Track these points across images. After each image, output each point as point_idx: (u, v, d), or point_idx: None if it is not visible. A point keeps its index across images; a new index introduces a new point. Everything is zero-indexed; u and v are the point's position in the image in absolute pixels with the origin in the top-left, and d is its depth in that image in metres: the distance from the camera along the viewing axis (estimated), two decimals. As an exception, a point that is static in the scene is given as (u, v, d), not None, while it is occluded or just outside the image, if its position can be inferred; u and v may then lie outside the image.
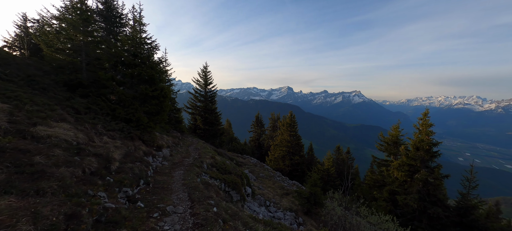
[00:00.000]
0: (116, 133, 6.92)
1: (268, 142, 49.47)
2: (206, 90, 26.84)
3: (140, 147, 7.52)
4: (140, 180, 5.40)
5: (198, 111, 26.47)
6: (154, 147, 8.71)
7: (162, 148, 9.19)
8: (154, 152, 8.09)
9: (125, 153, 5.91)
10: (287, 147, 28.49)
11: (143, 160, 6.38)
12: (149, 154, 7.69)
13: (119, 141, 6.56)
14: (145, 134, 8.41)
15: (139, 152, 6.97)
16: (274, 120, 50.31)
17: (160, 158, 8.39)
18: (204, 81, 26.50)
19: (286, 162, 28.19)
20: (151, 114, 9.21)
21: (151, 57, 9.27)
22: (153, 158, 7.94)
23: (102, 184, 4.16)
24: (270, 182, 18.40)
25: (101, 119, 6.93)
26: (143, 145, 8.01)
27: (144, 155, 7.36)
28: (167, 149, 9.72)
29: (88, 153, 4.68)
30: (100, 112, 7.23)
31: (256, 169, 21.43)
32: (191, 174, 7.37)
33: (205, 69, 26.52)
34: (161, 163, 8.18)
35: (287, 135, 29.12)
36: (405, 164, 14.17)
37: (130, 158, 5.89)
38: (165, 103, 9.28)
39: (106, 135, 6.46)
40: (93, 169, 4.34)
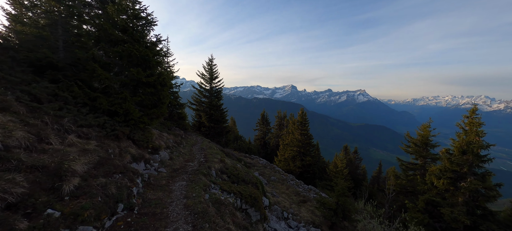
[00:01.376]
0: (93, 131, 4.95)
1: (274, 141, 47.49)
2: (211, 85, 24.82)
3: (128, 150, 5.52)
4: (117, 205, 3.42)
5: (203, 107, 24.48)
6: (148, 148, 6.71)
7: (160, 149, 7.18)
8: (147, 156, 6.08)
9: (97, 161, 3.91)
10: (298, 147, 26.36)
11: (128, 170, 4.36)
12: (140, 159, 5.69)
13: (94, 141, 4.58)
14: (137, 132, 6.40)
15: (124, 157, 4.99)
16: (280, 118, 48.29)
17: (156, 163, 6.39)
18: (210, 75, 24.47)
19: (297, 163, 26.08)
20: (145, 107, 7.20)
21: (146, 35, 7.23)
22: (147, 164, 5.94)
23: (30, 228, 2.16)
24: (283, 187, 16.36)
25: (73, 111, 4.94)
26: (133, 146, 6.02)
27: (133, 160, 5.37)
28: (166, 151, 7.71)
29: (18, 165, 2.69)
30: (72, 102, 5.24)
31: (266, 172, 19.39)
32: (197, 187, 5.35)
33: (210, 62, 24.48)
34: (157, 170, 6.17)
35: (298, 134, 26.97)
36: (448, 170, 11.97)
37: (105, 169, 3.88)
38: (163, 92, 7.25)
39: (75, 133, 4.49)
40: (14, 198, 2.32)
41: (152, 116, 7.12)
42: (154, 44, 7.64)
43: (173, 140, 11.32)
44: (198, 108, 24.73)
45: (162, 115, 7.64)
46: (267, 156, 48.22)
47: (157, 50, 7.65)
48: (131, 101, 6.29)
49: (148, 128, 7.24)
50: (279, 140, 41.47)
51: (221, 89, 25.24)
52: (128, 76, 6.64)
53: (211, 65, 24.53)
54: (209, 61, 24.46)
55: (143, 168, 5.66)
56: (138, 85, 6.84)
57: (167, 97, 7.71)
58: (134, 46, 6.50)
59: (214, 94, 24.93)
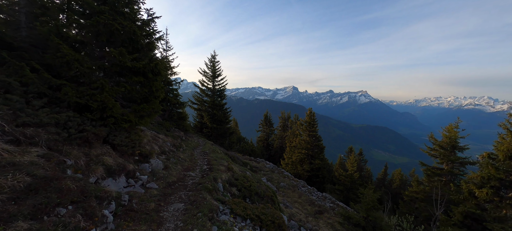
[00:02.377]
0: (45, 132, 3.29)
1: (278, 143, 45.87)
2: (214, 83, 23.19)
3: (103, 160, 3.86)
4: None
5: (205, 107, 22.84)
6: (134, 156, 5.03)
7: (151, 156, 5.48)
8: (131, 167, 4.38)
9: (28, 184, 2.22)
10: (306, 149, 24.61)
11: (89, 196, 2.67)
12: (120, 172, 4.02)
13: (40, 149, 2.93)
14: (119, 135, 4.73)
15: (92, 172, 3.34)
16: (284, 119, 46.63)
17: (144, 176, 4.70)
18: (212, 72, 22.85)
19: (305, 167, 24.32)
20: (132, 101, 5.54)
21: (134, 11, 5.55)
22: (130, 178, 4.26)
23: None
24: (295, 195, 14.65)
25: (14, 103, 3.29)
26: (113, 154, 4.35)
27: (108, 175, 3.70)
28: (160, 159, 6.02)
29: None
30: (19, 90, 3.59)
31: (274, 177, 17.66)
32: (199, 214, 3.66)
33: (213, 58, 22.87)
34: (145, 186, 4.49)
35: (306, 135, 25.22)
36: (493, 178, 10.23)
37: (40, 199, 2.19)
38: (156, 83, 5.59)
39: (10, 135, 2.84)
40: None
41: (142, 113, 5.44)
42: (145, 24, 5.97)
43: (171, 143, 9.64)
44: (200, 107, 23.09)
45: (155, 112, 5.96)
46: (270, 158, 46.59)
47: (149, 30, 5.99)
48: (111, 92, 4.62)
49: (136, 129, 5.56)
50: (286, 141, 39.72)
51: (224, 88, 23.60)
52: (107, 59, 4.98)
53: (214, 62, 22.93)
54: (211, 58, 22.86)
55: (124, 185, 3.98)
56: (122, 72, 5.17)
57: (161, 91, 6.04)
58: (116, 18, 4.84)
59: (217, 93, 23.31)
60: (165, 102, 15.32)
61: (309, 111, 26.09)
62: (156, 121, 13.90)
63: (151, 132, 9.56)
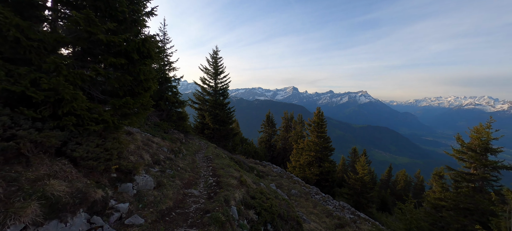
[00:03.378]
0: None
1: (281, 144, 44.35)
2: (216, 81, 21.55)
3: (47, 189, 2.23)
4: None
5: (207, 106, 21.19)
6: (110, 173, 3.37)
7: (136, 172, 3.80)
8: (99, 195, 2.71)
9: None
10: (315, 151, 22.96)
11: None
12: (78, 206, 2.39)
13: None
14: (85, 142, 3.07)
15: (17, 214, 1.73)
16: (287, 120, 45.07)
17: (124, 204, 3.05)
18: (214, 69, 21.21)
19: (314, 170, 22.67)
20: (111, 94, 3.89)
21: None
22: (96, 214, 2.63)
23: None
24: (309, 204, 13.01)
25: None
26: (70, 174, 2.72)
27: (49, 214, 2.07)
28: (149, 175, 4.32)
29: None
30: None
31: (283, 183, 16.01)
32: None
33: (215, 55, 21.24)
34: (122, 224, 2.85)
35: (315, 136, 23.57)
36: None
37: None
38: (144, 68, 3.94)
39: None
40: None
41: (124, 110, 3.79)
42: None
43: (169, 148, 7.99)
44: (201, 107, 21.45)
45: (145, 109, 4.32)
46: (273, 159, 45.11)
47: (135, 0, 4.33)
48: (72, 77, 2.97)
49: (117, 133, 3.90)
50: (291, 143, 38.09)
51: (227, 86, 21.97)
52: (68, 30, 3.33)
53: (216, 58, 21.30)
54: (213, 54, 21.23)
55: (83, 229, 2.34)
56: (92, 50, 3.52)
57: (153, 81, 4.39)
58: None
59: (219, 91, 21.67)
60: (163, 101, 13.69)
61: (317, 111, 24.46)
62: (152, 122, 12.27)
63: (145, 135, 7.91)
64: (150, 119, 13.01)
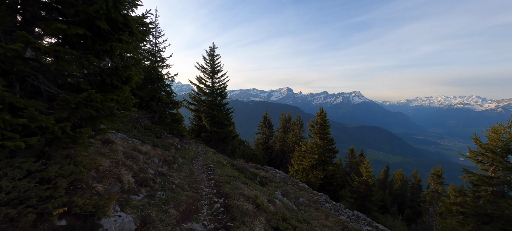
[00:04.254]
0: None
1: (279, 145, 43.18)
2: (213, 80, 20.07)
3: None
4: None
5: (204, 107, 19.65)
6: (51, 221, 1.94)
7: (102, 213, 2.34)
8: None
9: None
10: (319, 154, 21.75)
11: None
12: None
13: None
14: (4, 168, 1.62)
15: None
16: (285, 121, 43.92)
17: None
18: (211, 68, 19.72)
19: (318, 174, 21.44)
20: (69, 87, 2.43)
21: None
22: None
23: None
24: (320, 215, 11.70)
25: None
26: None
27: None
28: (125, 213, 2.83)
29: None
30: None
31: (289, 190, 14.66)
32: None
33: (212, 52, 19.76)
34: None
35: (318, 138, 22.38)
36: None
37: None
38: (120, 48, 2.45)
39: None
40: None
41: (86, 110, 2.33)
42: None
43: (161, 157, 6.50)
44: (197, 108, 19.90)
45: (125, 108, 2.87)
46: (271, 161, 43.89)
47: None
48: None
49: (74, 148, 2.44)
50: (289, 144, 36.87)
51: (225, 86, 20.52)
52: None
53: (213, 56, 19.82)
54: (210, 51, 19.74)
55: None
56: (25, 8, 2.05)
57: (134, 70, 2.93)
58: None
59: (217, 91, 20.18)
60: (155, 101, 12.13)
61: (320, 111, 23.29)
62: (143, 126, 10.70)
63: (131, 142, 6.40)
64: (141, 122, 11.44)
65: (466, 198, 14.23)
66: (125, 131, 8.63)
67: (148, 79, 12.49)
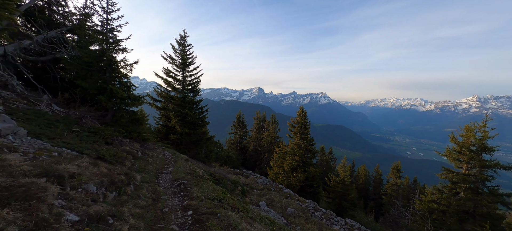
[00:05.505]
0: None
1: (253, 145, 41.73)
2: (184, 74, 17.25)
3: None
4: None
5: (173, 105, 16.71)
6: None
7: None
8: None
9: None
10: (299, 155, 20.66)
11: None
12: None
13: None
14: None
15: None
16: (259, 120, 42.70)
17: None
18: (182, 59, 16.89)
19: (299, 176, 20.35)
20: None
21: None
22: None
23: None
24: (312, 227, 10.26)
25: None
26: None
27: None
28: None
29: None
30: None
31: (274, 198, 12.97)
32: None
33: (183, 40, 16.92)
34: None
35: (299, 138, 21.31)
36: None
37: None
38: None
39: None
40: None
41: None
42: None
43: (104, 180, 4.06)
44: (165, 106, 16.85)
45: None
46: (245, 162, 42.20)
47: None
48: None
49: None
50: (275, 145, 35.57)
51: (198, 81, 17.88)
52: None
53: (184, 45, 17.02)
54: (181, 39, 16.89)
55: None
56: None
57: None
58: None
59: (188, 86, 17.41)
60: (106, 95, 9.13)
61: (300, 110, 22.28)
62: (86, 128, 7.72)
63: (55, 155, 3.82)
64: (84, 123, 8.39)
65: (443, 195, 14.50)
66: (51, 136, 5.75)
67: (96, 67, 9.41)
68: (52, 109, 8.19)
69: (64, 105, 9.15)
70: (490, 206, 11.69)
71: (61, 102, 9.24)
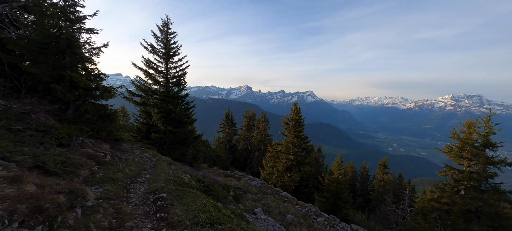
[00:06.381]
0: None
1: (243, 144, 40.37)
2: (168, 65, 15.31)
3: None
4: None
5: (155, 100, 14.74)
6: None
7: None
8: None
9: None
10: (294, 154, 19.47)
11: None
12: None
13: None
14: None
15: None
16: (249, 118, 41.34)
17: None
18: (166, 48, 14.93)
19: (294, 176, 19.19)
20: None
21: None
22: None
23: None
24: (316, 237, 9.11)
25: None
26: None
27: None
28: None
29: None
30: None
31: (270, 203, 11.61)
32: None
33: (166, 27, 14.95)
34: None
35: (293, 136, 20.12)
36: None
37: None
38: None
39: None
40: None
41: None
42: None
43: (15, 208, 2.43)
44: (145, 101, 14.84)
45: None
46: (235, 161, 40.75)
47: None
48: None
49: None
50: (267, 143, 34.24)
51: (184, 73, 16.01)
52: None
53: (167, 33, 15.07)
54: (163, 25, 14.92)
55: None
56: None
57: None
58: None
59: (173, 79, 15.50)
60: (64, 84, 7.22)
61: (294, 107, 21.09)
62: (35, 125, 5.83)
63: None
64: (34, 119, 6.46)
65: (444, 193, 13.89)
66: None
67: (53, 49, 7.43)
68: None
69: (8, 96, 7.10)
70: (497, 206, 11.10)
71: (3, 93, 7.17)
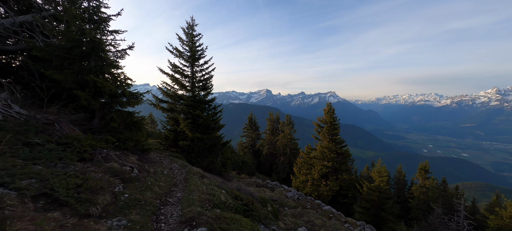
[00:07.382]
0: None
1: (267, 148, 38.85)
2: (193, 69, 14.57)
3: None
4: None
5: (181, 105, 14.06)
6: None
7: None
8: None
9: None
10: (331, 160, 17.43)
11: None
12: None
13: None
14: None
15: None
16: (273, 122, 39.75)
17: None
18: (191, 51, 14.22)
19: (331, 184, 17.09)
20: None
21: None
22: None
23: None
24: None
25: None
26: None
27: None
28: None
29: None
30: None
31: (314, 220, 9.87)
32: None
33: (191, 30, 14.26)
34: None
35: (328, 141, 18.10)
36: None
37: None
38: None
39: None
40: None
41: None
42: None
43: None
44: (172, 106, 14.21)
45: None
46: (260, 166, 39.35)
47: None
48: None
49: None
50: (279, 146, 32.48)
51: (210, 77, 15.16)
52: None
53: (193, 36, 14.35)
54: (188, 28, 14.24)
55: None
56: None
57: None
58: None
59: (199, 83, 14.71)
60: (89, 91, 6.52)
61: (328, 107, 19.06)
62: (57, 136, 5.08)
63: None
64: (58, 130, 5.75)
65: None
66: None
67: (77, 53, 6.80)
68: (8, 111, 5.64)
69: (30, 106, 6.58)
70: None
71: (28, 102, 6.68)
